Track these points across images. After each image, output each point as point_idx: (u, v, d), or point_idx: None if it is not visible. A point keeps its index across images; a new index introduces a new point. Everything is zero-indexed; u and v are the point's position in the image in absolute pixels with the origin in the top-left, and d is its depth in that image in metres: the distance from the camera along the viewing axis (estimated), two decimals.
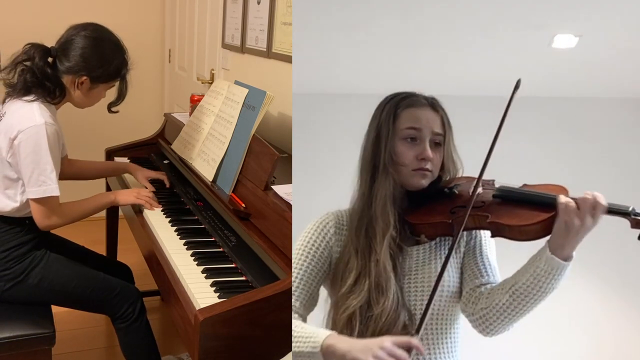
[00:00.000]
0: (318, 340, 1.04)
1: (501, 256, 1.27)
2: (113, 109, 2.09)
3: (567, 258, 1.07)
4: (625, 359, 3.02)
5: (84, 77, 1.92)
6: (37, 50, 1.89)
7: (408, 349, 0.99)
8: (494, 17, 2.36)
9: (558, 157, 3.06)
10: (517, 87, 1.22)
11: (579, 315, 3.03)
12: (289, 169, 2.02)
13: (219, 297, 1.56)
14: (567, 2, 2.20)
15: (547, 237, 1.09)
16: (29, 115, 1.83)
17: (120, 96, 2.06)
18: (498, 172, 1.23)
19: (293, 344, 1.09)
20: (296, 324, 1.13)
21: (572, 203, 1.04)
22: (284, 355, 1.47)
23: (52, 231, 2.20)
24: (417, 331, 1.07)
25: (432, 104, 1.25)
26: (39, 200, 1.87)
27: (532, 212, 1.10)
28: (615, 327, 3.04)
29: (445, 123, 1.25)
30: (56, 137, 1.86)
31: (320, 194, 2.70)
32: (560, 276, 1.07)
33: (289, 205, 1.70)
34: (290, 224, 1.62)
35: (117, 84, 2.04)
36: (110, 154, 2.83)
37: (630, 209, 1.05)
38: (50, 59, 1.92)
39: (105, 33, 1.98)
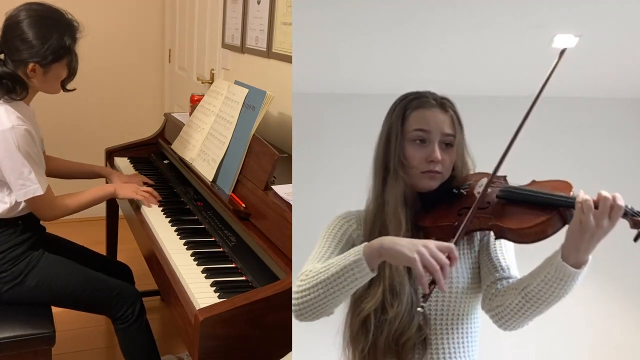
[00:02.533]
0: (358, 249, 1.04)
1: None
2: (68, 87, 1.95)
3: (580, 264, 1.04)
4: (624, 356, 3.02)
5: (32, 64, 1.81)
6: None
7: (448, 255, 0.99)
8: (493, 17, 2.36)
9: (558, 157, 3.06)
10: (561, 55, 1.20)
11: (579, 313, 3.03)
12: (289, 169, 2.02)
13: (219, 297, 1.56)
14: (567, 2, 2.20)
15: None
16: None
17: (71, 71, 1.90)
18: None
19: (328, 270, 1.07)
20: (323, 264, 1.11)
21: (590, 202, 1.01)
22: (284, 355, 1.47)
23: (51, 231, 2.21)
24: (456, 242, 1.06)
25: (442, 104, 1.24)
26: (28, 201, 1.87)
27: (533, 215, 1.09)
28: (615, 325, 3.04)
29: (455, 123, 1.23)
30: (28, 136, 1.80)
31: (320, 194, 2.70)
32: (572, 282, 1.05)
33: (289, 205, 1.70)
34: (290, 224, 1.62)
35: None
36: (110, 154, 2.83)
37: (629, 207, 1.03)
38: (1, 56, 1.85)
39: (39, 10, 1.85)
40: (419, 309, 1.06)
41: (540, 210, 1.09)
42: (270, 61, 2.52)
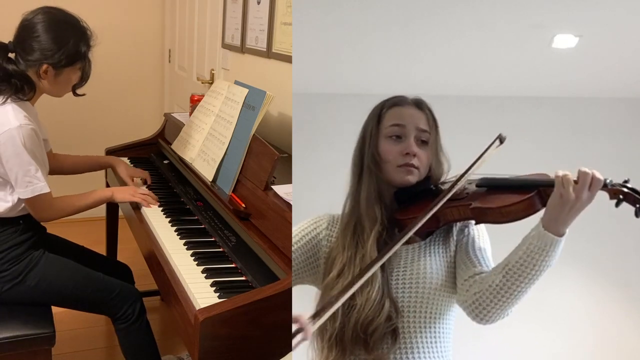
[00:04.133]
0: None
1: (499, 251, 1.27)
2: (78, 92, 1.99)
3: (561, 234, 1.06)
4: (624, 357, 3.02)
5: (45, 66, 1.84)
6: None
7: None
8: (494, 17, 2.36)
9: (558, 157, 3.05)
10: (500, 141, 1.23)
11: (577, 312, 3.03)
12: (289, 169, 2.02)
13: (219, 297, 1.56)
14: (567, 2, 2.20)
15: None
16: (3, 119, 1.79)
17: (84, 77, 1.95)
18: (497, 172, 1.23)
19: None
20: None
21: (570, 176, 1.04)
22: (284, 355, 1.47)
23: (51, 231, 2.21)
24: (314, 317, 1.05)
25: (417, 103, 1.29)
26: (30, 200, 1.87)
27: (513, 195, 1.12)
28: (614, 325, 3.04)
29: (430, 121, 1.27)
30: (34, 136, 1.82)
31: (320, 194, 2.69)
32: (554, 252, 1.06)
33: (289, 205, 1.70)
34: (290, 224, 1.62)
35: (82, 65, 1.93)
36: (110, 154, 2.83)
37: (608, 180, 1.06)
38: (11, 55, 1.87)
39: (56, 14, 1.89)
40: None
41: (520, 191, 1.12)
42: (270, 61, 2.52)
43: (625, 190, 1.06)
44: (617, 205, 1.07)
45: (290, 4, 2.32)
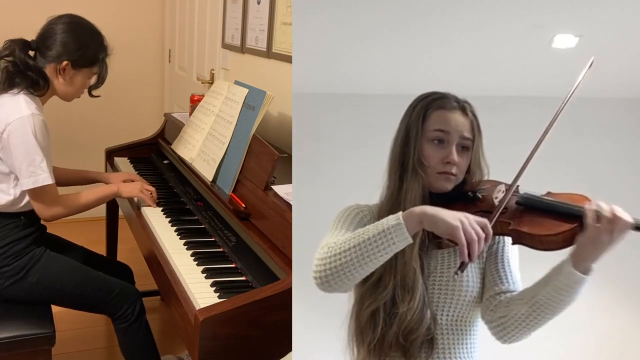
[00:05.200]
0: (397, 215, 1.04)
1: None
2: (94, 93, 2.08)
3: (588, 271, 1.07)
4: (625, 357, 3.02)
5: (65, 62, 1.92)
6: (17, 44, 1.90)
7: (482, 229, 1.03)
8: (494, 17, 2.36)
9: (558, 157, 3.05)
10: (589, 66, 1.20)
11: (578, 312, 3.03)
12: (289, 169, 2.02)
13: (219, 297, 1.56)
14: (567, 2, 2.20)
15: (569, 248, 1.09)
16: (16, 107, 1.84)
17: (100, 79, 2.04)
18: (499, 173, 1.23)
19: (362, 236, 1.05)
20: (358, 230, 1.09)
21: (602, 219, 1.03)
22: (284, 355, 1.47)
23: (51, 231, 2.21)
24: (491, 221, 1.08)
25: (463, 108, 1.24)
26: (34, 191, 1.87)
27: (555, 222, 1.09)
28: (615, 325, 3.04)
29: (474, 128, 1.23)
30: (44, 127, 1.86)
31: (320, 194, 2.70)
32: (581, 289, 1.08)
33: (289, 205, 1.70)
34: (290, 224, 1.62)
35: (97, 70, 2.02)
36: (110, 154, 2.83)
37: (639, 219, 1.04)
38: (31, 52, 1.94)
39: (80, 20, 2.00)
40: (455, 275, 1.12)
41: (562, 219, 1.09)
42: (270, 61, 2.52)
43: None
44: None
45: (290, 4, 2.32)
